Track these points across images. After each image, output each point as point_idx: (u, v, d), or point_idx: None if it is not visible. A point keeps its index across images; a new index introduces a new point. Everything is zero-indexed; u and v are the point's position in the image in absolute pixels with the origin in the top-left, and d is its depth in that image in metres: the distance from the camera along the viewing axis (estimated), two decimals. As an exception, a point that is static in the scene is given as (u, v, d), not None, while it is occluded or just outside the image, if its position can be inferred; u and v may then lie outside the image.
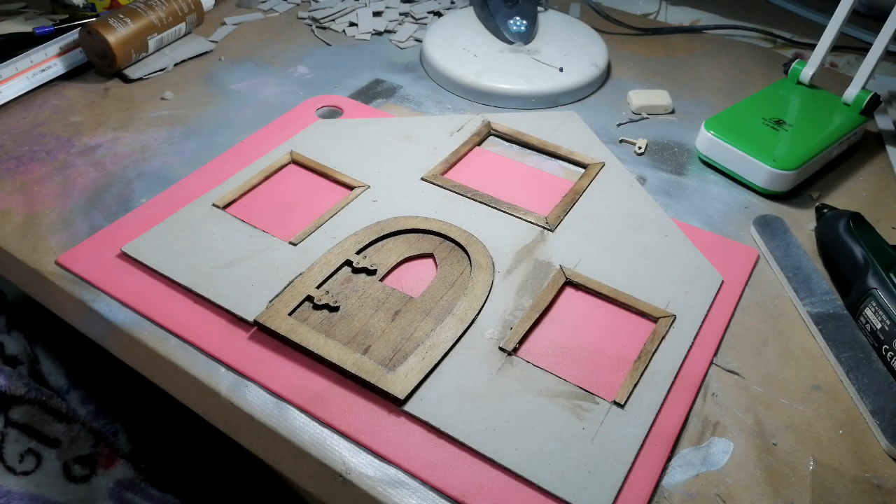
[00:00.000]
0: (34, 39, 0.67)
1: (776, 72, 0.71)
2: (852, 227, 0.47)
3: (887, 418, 0.39)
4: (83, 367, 0.73)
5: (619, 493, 0.35)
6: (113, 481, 0.62)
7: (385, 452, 0.37)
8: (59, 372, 0.72)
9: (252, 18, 0.78)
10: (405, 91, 0.67)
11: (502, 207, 0.51)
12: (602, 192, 0.54)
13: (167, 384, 0.44)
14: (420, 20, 0.79)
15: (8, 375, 0.60)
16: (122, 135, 0.59)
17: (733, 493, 0.36)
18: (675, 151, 0.60)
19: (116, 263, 0.46)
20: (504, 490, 0.35)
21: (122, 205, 0.52)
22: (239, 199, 0.52)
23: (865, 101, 0.59)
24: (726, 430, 0.39)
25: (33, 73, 0.63)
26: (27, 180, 0.54)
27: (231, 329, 0.42)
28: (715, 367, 0.42)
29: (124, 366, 0.46)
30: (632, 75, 0.71)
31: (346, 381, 0.40)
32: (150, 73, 0.67)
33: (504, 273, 0.46)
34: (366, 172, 0.54)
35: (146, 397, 0.71)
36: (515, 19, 0.70)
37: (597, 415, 0.38)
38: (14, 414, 0.60)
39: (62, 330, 0.73)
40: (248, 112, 0.62)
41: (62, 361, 0.73)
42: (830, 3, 0.61)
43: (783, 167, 0.54)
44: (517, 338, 0.42)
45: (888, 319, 0.42)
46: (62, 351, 0.74)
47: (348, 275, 0.46)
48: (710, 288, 0.46)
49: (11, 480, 0.59)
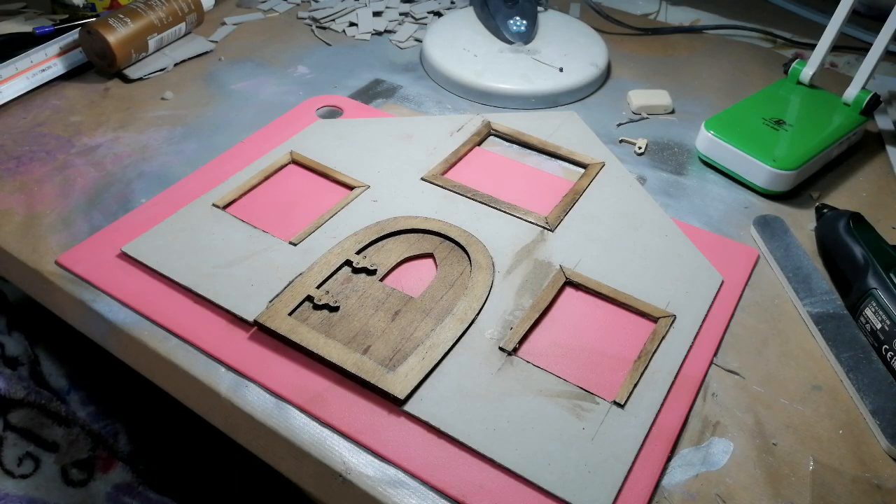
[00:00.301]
0: (34, 39, 0.67)
1: (776, 72, 0.71)
2: (852, 227, 0.47)
3: (887, 418, 0.39)
4: (83, 368, 0.73)
5: (619, 493, 0.35)
6: (111, 485, 0.62)
7: (385, 452, 0.37)
8: (59, 373, 0.72)
9: (252, 18, 0.78)
10: (405, 91, 0.67)
11: (502, 207, 0.51)
12: (602, 192, 0.54)
13: (167, 384, 0.44)
14: (420, 20, 0.79)
15: (7, 378, 0.60)
16: (122, 135, 0.59)
17: (733, 493, 0.36)
18: (675, 151, 0.60)
19: (116, 263, 0.46)
20: (504, 490, 0.35)
21: (122, 205, 0.52)
22: (239, 199, 0.52)
23: (865, 101, 0.59)
24: (726, 430, 0.39)
25: (33, 73, 0.63)
26: (27, 180, 0.54)
27: (231, 329, 0.42)
28: (715, 367, 0.42)
29: (124, 366, 0.46)
30: (632, 75, 0.71)
31: (346, 381, 0.40)
32: (150, 73, 0.67)
33: (504, 273, 0.46)
34: (366, 172, 0.54)
35: (146, 398, 0.71)
36: (515, 19, 0.70)
37: (597, 415, 0.38)
38: (13, 417, 0.60)
39: (62, 330, 0.73)
40: (248, 112, 0.62)
41: (62, 362, 0.73)
42: (830, 3, 0.61)
43: (783, 167, 0.54)
44: (517, 338, 0.42)
45: (888, 319, 0.42)
46: (62, 351, 0.74)
47: (348, 275, 0.46)
48: (710, 288, 0.46)
49: (9, 484, 0.59)
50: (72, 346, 0.73)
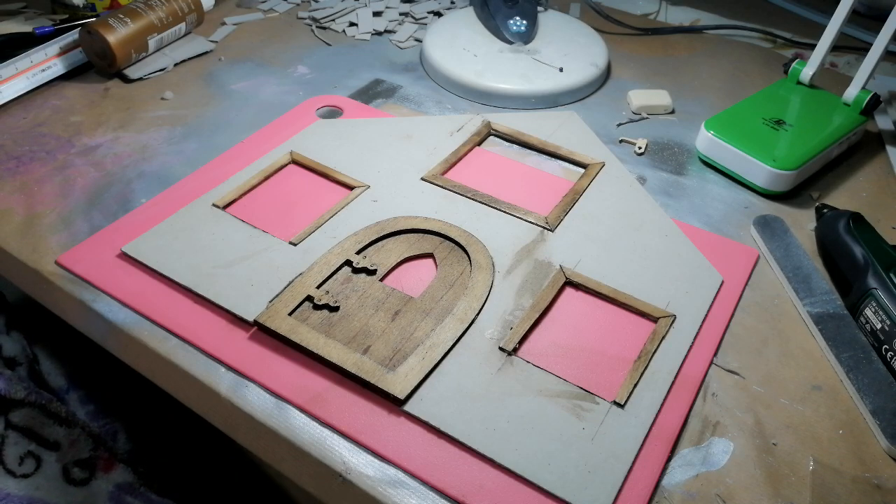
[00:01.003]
0: (34, 39, 0.67)
1: (776, 72, 0.71)
2: (852, 227, 0.47)
3: (887, 418, 0.39)
4: (83, 368, 0.73)
5: (619, 493, 0.35)
6: (112, 485, 0.62)
7: (385, 452, 0.37)
8: (58, 372, 0.72)
9: (252, 18, 0.78)
10: (405, 91, 0.67)
11: (502, 207, 0.51)
12: (602, 192, 0.54)
13: (167, 384, 0.44)
14: (420, 20, 0.79)
15: (8, 379, 0.60)
16: (122, 135, 0.59)
17: (733, 493, 0.36)
18: (675, 151, 0.60)
19: (116, 263, 0.46)
20: (504, 490, 0.35)
21: (122, 205, 0.52)
22: (239, 199, 0.52)
23: (865, 101, 0.58)
24: (726, 430, 0.39)
25: (33, 73, 0.63)
26: (27, 180, 0.54)
27: (231, 329, 0.42)
28: (715, 367, 0.42)
29: (124, 366, 0.46)
30: (632, 75, 0.71)
31: (346, 381, 0.40)
32: (150, 73, 0.67)
33: (504, 273, 0.46)
34: (366, 172, 0.54)
35: (146, 398, 0.71)
36: (515, 19, 0.70)
37: (597, 415, 0.38)
38: (14, 417, 0.60)
39: (62, 330, 0.73)
40: (248, 112, 0.62)
41: (62, 362, 0.73)
42: (830, 3, 0.61)
43: (783, 167, 0.54)
44: (517, 338, 0.42)
45: (888, 319, 0.42)
46: (62, 351, 0.74)
47: (348, 275, 0.46)
48: (710, 288, 0.46)
49: (11, 483, 0.59)
50: (71, 345, 0.73)
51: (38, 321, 0.73)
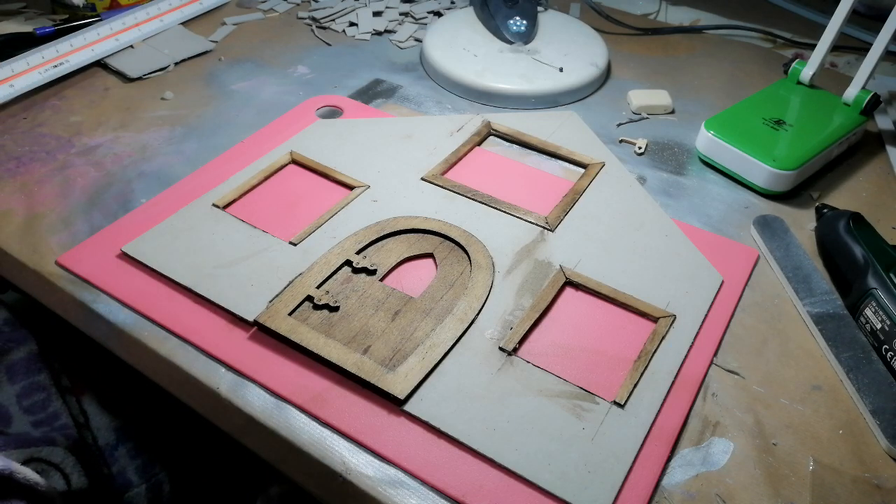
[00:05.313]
0: (34, 40, 0.67)
1: (776, 72, 0.71)
2: (852, 227, 0.47)
3: (887, 418, 0.39)
4: (82, 368, 0.73)
5: (619, 493, 0.35)
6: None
7: (385, 452, 0.37)
8: (108, 427, 0.71)
9: (252, 18, 0.78)
10: (405, 91, 0.67)
11: (502, 207, 0.51)
12: (602, 192, 0.54)
13: (167, 384, 0.44)
14: (420, 20, 0.79)
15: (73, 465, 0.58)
16: (122, 135, 0.59)
17: (733, 493, 0.36)
18: (675, 151, 0.60)
19: (117, 263, 0.46)
20: (504, 490, 0.35)
21: (122, 205, 0.52)
22: (239, 199, 0.52)
23: (865, 101, 0.58)
24: (726, 430, 0.39)
25: (34, 74, 0.63)
26: (27, 180, 0.54)
27: (231, 329, 0.42)
28: (715, 367, 0.42)
29: (124, 365, 0.46)
30: (632, 75, 0.71)
31: (346, 381, 0.40)
32: (150, 72, 0.67)
33: (504, 273, 0.46)
34: (366, 172, 0.54)
35: (145, 397, 0.71)
36: (515, 19, 0.70)
37: (597, 415, 0.38)
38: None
39: (61, 330, 0.72)
40: (248, 112, 0.62)
41: (61, 362, 0.73)
42: (830, 3, 0.61)
43: (783, 167, 0.54)
44: (517, 338, 0.42)
45: (888, 319, 0.42)
46: (61, 351, 0.73)
47: (348, 275, 0.46)
48: (710, 288, 0.46)
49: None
50: (70, 345, 0.73)
51: (37, 321, 0.73)
